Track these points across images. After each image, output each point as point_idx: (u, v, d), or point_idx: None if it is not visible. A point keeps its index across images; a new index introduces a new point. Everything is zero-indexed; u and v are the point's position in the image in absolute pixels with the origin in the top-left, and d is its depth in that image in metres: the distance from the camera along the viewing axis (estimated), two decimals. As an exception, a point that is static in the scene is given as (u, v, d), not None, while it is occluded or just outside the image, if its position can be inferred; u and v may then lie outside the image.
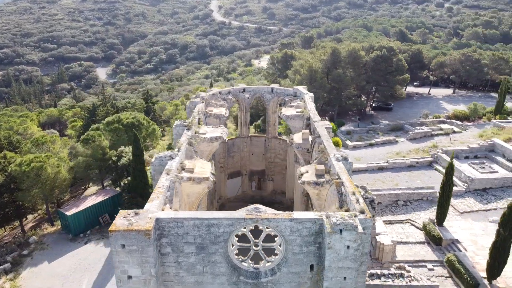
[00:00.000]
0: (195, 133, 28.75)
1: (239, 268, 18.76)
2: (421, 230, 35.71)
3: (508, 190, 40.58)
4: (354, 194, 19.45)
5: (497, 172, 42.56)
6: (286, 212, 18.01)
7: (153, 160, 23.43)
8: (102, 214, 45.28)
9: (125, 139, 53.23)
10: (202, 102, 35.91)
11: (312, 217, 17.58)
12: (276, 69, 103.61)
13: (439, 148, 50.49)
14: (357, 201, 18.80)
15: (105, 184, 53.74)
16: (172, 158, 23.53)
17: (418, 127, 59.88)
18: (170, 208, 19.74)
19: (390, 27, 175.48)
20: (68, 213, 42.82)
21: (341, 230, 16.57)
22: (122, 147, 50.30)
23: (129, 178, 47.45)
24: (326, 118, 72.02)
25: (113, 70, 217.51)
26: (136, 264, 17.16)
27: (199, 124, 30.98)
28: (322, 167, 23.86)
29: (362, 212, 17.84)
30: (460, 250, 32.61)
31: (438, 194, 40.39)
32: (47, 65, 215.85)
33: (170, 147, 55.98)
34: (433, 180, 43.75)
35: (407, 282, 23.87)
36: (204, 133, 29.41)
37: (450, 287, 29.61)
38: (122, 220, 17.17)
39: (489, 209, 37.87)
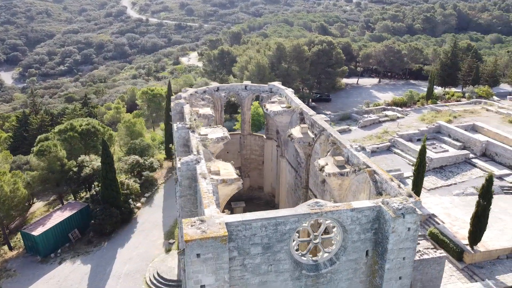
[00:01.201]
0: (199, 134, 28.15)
1: (300, 262, 19.18)
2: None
3: (460, 166, 45.77)
4: (392, 180, 20.89)
5: (447, 151, 47.66)
6: (346, 203, 18.81)
7: (179, 165, 22.61)
8: (72, 230, 42.21)
9: (81, 148, 49.70)
10: (187, 103, 35.05)
11: (371, 205, 18.62)
12: (214, 66, 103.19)
13: (391, 133, 54.93)
14: (399, 186, 20.27)
15: (63, 197, 49.59)
16: (198, 162, 22.97)
17: (366, 115, 64.28)
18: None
19: (310, 22, 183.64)
20: (35, 233, 39.22)
21: (403, 214, 17.84)
22: (83, 156, 46.95)
23: (96, 189, 44.56)
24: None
25: (20, 74, 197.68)
26: (210, 272, 16.75)
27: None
28: (341, 158, 25.04)
29: (410, 195, 19.32)
30: (438, 223, 36.24)
31: (404, 176, 44.42)
32: None
33: (132, 152, 53.39)
34: (396, 163, 47.58)
35: (419, 257, 26.10)
36: (206, 134, 28.90)
37: (440, 257, 32.85)
38: (192, 229, 16.58)
39: (450, 184, 42.46)
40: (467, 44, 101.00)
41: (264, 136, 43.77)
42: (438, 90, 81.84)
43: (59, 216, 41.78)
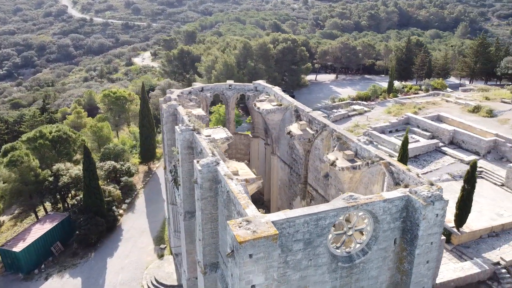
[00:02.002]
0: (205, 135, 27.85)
1: (335, 255, 19.75)
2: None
3: (432, 154, 48.75)
4: (409, 170, 22.06)
5: (419, 141, 50.54)
6: (378, 194, 19.61)
7: (199, 168, 22.28)
8: (54, 243, 40.15)
9: (54, 156, 47.18)
10: (180, 104, 34.44)
11: (400, 195, 19.57)
12: (173, 66, 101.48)
13: (361, 126, 57.24)
14: (418, 175, 21.46)
15: (37, 209, 46.72)
16: (218, 163, 22.81)
17: (334, 110, 66.39)
18: (252, 212, 19.48)
19: (262, 20, 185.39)
20: (16, 249, 36.94)
21: (433, 202, 18.96)
22: (58, 165, 44.63)
23: (78, 197, 42.55)
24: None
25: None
26: (261, 271, 16.82)
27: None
28: (351, 152, 25.93)
29: (431, 184, 20.54)
30: (423, 209, 38.47)
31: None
32: None
33: (107, 158, 51.37)
34: (373, 155, 49.64)
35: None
36: (209, 135, 28.65)
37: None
38: (241, 230, 16.56)
39: (427, 172, 45.06)
40: (415, 40, 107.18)
41: (250, 135, 43.94)
42: (396, 84, 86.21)
43: (39, 229, 39.43)
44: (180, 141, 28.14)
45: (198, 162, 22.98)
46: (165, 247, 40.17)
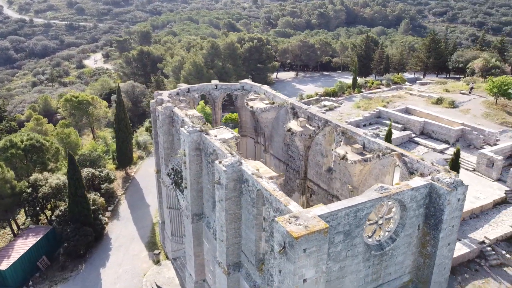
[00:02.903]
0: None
1: (368, 244, 20.60)
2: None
3: (406, 145, 51.44)
4: (423, 160, 23.44)
5: (393, 133, 53.12)
6: (405, 184, 20.69)
7: (224, 168, 22.17)
8: (39, 258, 38.00)
9: (28, 166, 44.54)
10: (175, 106, 33.87)
11: (424, 183, 20.79)
12: (133, 68, 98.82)
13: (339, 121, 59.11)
14: (432, 164, 22.87)
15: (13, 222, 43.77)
16: (241, 163, 22.89)
17: (306, 106, 67.81)
18: (287, 209, 19.83)
19: (216, 19, 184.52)
20: (2, 267, 34.94)
21: (456, 187, 20.35)
22: (36, 175, 42.22)
23: (61, 208, 40.51)
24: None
25: None
26: (312, 265, 17.25)
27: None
28: (359, 146, 26.98)
29: (448, 171, 22.00)
30: (409, 197, 40.69)
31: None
32: None
33: (83, 165, 49.10)
34: (352, 148, 51.57)
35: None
36: (215, 135, 28.53)
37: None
38: (293, 226, 16.87)
39: (405, 162, 47.60)
40: (370, 37, 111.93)
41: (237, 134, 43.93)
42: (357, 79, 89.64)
43: (24, 244, 37.07)
44: (188, 143, 27.76)
45: (220, 162, 22.88)
46: (159, 252, 39.30)
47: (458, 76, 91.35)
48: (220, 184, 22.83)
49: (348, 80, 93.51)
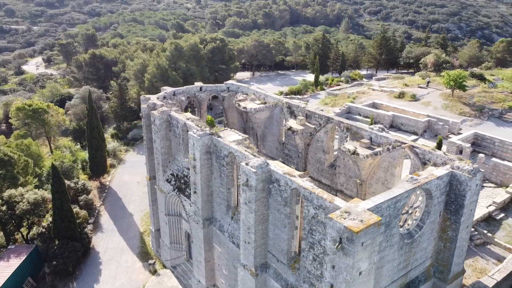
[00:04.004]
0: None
1: (401, 233, 21.57)
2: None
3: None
4: (434, 150, 24.92)
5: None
6: (430, 174, 21.87)
7: (254, 170, 22.04)
8: (25, 280, 35.38)
9: (-2, 181, 41.14)
10: (171, 110, 32.97)
11: (446, 172, 22.14)
12: (85, 72, 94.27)
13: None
14: (444, 153, 24.41)
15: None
16: (268, 164, 22.92)
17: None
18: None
19: (162, 20, 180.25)
20: (-13, 294, 31.63)
21: (475, 174, 21.92)
22: (10, 191, 39.16)
23: (44, 224, 37.89)
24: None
25: None
26: (367, 257, 17.77)
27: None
28: (367, 141, 28.04)
29: (460, 159, 23.61)
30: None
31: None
32: None
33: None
34: (329, 144, 53.11)
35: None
36: (223, 138, 28.24)
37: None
38: (348, 221, 17.26)
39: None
40: (322, 35, 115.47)
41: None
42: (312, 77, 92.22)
43: (7, 266, 34.14)
44: (198, 146, 27.20)
45: (247, 164, 22.73)
46: (154, 262, 38.01)
47: (407, 71, 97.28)
48: (249, 186, 22.68)
49: (304, 78, 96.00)
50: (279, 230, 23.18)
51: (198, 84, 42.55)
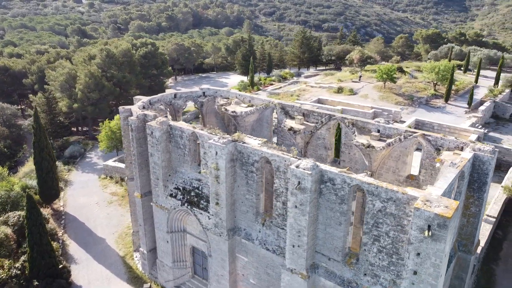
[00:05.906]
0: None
1: (445, 215, 23.34)
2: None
3: (333, 131, 56.83)
4: (445, 136, 27.39)
5: (318, 122, 57.97)
6: (462, 158, 24.00)
7: (309, 172, 21.75)
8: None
9: None
10: (165, 117, 30.83)
11: (471, 155, 24.55)
12: None
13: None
14: (456, 138, 26.99)
15: None
16: (318, 165, 22.94)
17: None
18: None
19: (57, 26, 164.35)
20: None
21: (494, 153, 24.69)
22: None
23: (17, 264, 32.59)
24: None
25: None
26: (450, 240, 19.01)
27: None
28: (377, 133, 29.59)
29: (472, 142, 26.36)
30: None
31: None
32: None
33: (2, 209, 39.69)
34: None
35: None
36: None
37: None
38: (436, 208, 18.25)
39: (342, 146, 52.70)
40: (241, 37, 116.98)
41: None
42: (244, 78, 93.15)
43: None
44: (224, 155, 25.95)
45: (298, 167, 22.46)
46: (150, 285, 35.18)
47: (327, 68, 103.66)
48: (303, 188, 22.42)
49: (228, 79, 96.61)
50: (332, 228, 23.34)
51: (171, 91, 40.26)
